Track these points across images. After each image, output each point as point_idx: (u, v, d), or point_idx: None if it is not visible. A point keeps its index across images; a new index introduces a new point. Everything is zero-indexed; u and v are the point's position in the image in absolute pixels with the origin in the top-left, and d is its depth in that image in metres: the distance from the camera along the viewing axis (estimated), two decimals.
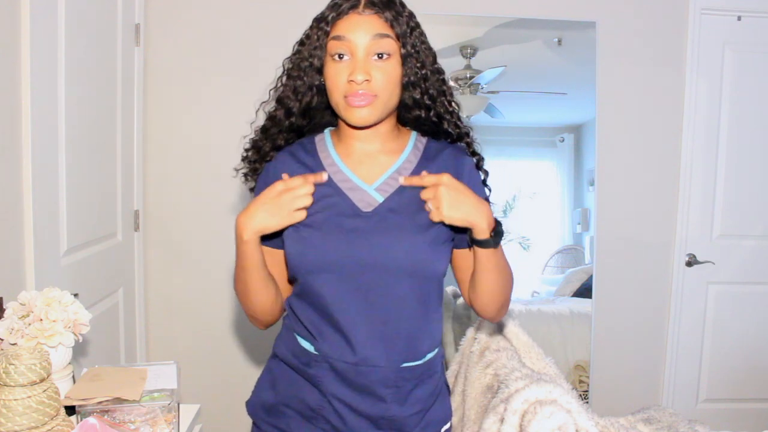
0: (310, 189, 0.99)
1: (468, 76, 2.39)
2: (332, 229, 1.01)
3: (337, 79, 1.00)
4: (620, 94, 2.46)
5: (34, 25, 1.43)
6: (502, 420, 1.02)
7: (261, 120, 1.14)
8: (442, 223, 1.00)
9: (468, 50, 2.38)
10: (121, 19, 1.98)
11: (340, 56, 0.99)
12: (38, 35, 1.45)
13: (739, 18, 2.46)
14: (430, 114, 1.08)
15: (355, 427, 1.04)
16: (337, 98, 1.01)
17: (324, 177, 1.02)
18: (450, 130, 1.11)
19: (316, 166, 1.07)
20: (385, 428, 1.05)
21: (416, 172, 1.07)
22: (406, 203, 1.04)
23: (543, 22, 2.41)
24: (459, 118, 1.12)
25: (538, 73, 2.51)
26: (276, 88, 1.11)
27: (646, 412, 1.48)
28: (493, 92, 2.43)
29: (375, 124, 1.05)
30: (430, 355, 1.08)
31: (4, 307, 1.23)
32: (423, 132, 1.14)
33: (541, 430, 0.94)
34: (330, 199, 1.04)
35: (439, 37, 2.36)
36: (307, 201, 0.99)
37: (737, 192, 2.53)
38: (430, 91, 1.06)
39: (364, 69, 0.98)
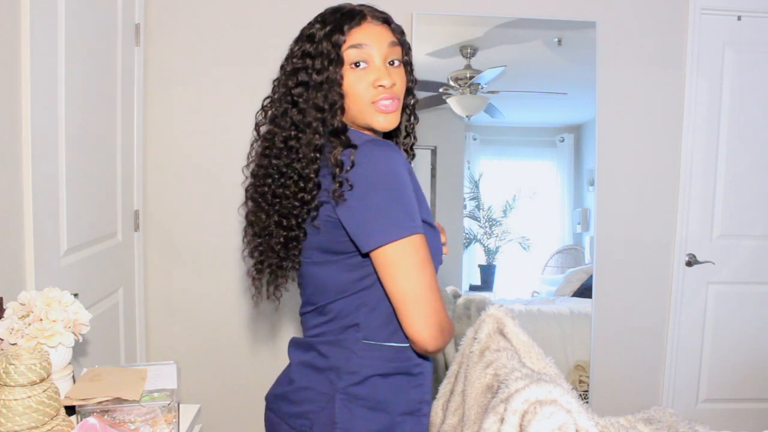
0: None
1: (468, 76, 2.39)
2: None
3: (360, 86, 1.01)
4: (620, 94, 2.46)
5: (34, 25, 1.42)
6: (502, 420, 1.02)
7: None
8: None
9: (468, 50, 2.38)
10: (121, 19, 1.98)
11: (358, 64, 1.01)
12: (38, 35, 1.45)
13: (739, 18, 2.46)
14: (410, 118, 1.16)
15: None
16: (362, 105, 1.02)
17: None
18: (413, 139, 1.20)
19: None
20: None
21: None
22: None
23: (543, 22, 2.41)
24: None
25: (538, 73, 2.51)
26: (295, 102, 1.02)
27: (646, 412, 1.48)
28: (493, 92, 2.43)
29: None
30: None
31: (4, 307, 1.23)
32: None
33: (541, 430, 0.94)
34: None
35: (439, 37, 2.37)
36: None
37: (737, 192, 2.53)
38: (414, 100, 1.15)
39: (389, 74, 1.02)
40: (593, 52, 2.40)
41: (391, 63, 1.04)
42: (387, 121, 1.04)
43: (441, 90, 2.39)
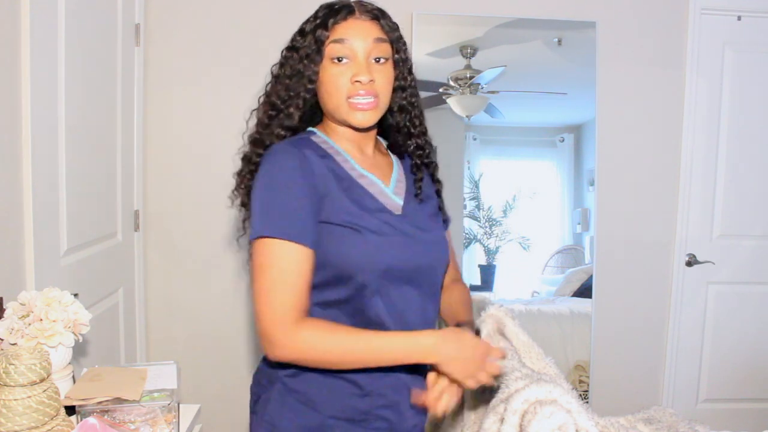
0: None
1: (468, 76, 2.39)
2: (386, 232, 1.01)
3: (339, 80, 1.01)
4: (620, 94, 2.46)
5: (34, 25, 1.42)
6: (502, 420, 1.02)
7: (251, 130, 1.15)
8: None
9: (468, 50, 2.38)
10: (121, 19, 1.98)
11: (340, 59, 1.01)
12: (38, 35, 1.45)
13: (739, 18, 2.46)
14: (410, 118, 1.13)
15: (409, 416, 1.06)
16: (338, 100, 1.02)
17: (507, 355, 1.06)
18: (418, 140, 1.15)
19: (341, 172, 1.04)
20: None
21: (406, 171, 1.17)
22: (419, 201, 1.13)
23: (543, 22, 2.41)
24: (425, 128, 1.17)
25: (538, 73, 2.51)
26: (267, 94, 1.10)
27: (646, 412, 1.48)
28: (493, 92, 2.43)
29: (373, 127, 1.09)
30: None
31: (4, 307, 1.23)
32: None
33: (541, 430, 0.94)
34: (368, 202, 1.04)
35: (439, 37, 2.37)
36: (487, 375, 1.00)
37: (737, 192, 2.53)
38: (412, 99, 1.12)
39: (369, 70, 1.01)
40: (593, 52, 2.40)
41: (377, 60, 1.02)
42: (364, 118, 1.02)
43: (441, 90, 2.39)
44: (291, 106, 1.05)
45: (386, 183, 1.09)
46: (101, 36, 1.86)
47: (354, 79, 1.00)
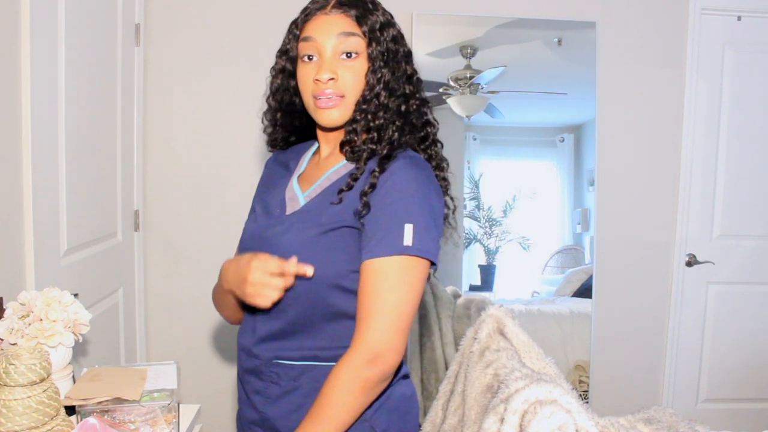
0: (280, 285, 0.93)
1: (468, 76, 2.39)
2: (256, 226, 1.08)
3: (306, 79, 1.00)
4: (620, 94, 2.46)
5: (34, 25, 1.42)
6: (502, 420, 1.02)
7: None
8: (354, 230, 0.96)
9: (468, 50, 2.38)
10: (121, 19, 1.98)
11: (309, 57, 1.00)
12: (38, 35, 1.45)
13: (739, 18, 2.46)
14: (366, 114, 0.99)
15: (248, 416, 1.07)
16: (307, 99, 1.02)
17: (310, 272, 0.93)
18: (374, 135, 1.00)
19: (292, 166, 1.13)
20: (260, 425, 1.05)
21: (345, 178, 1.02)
22: (317, 205, 1.01)
23: (543, 22, 2.41)
24: (422, 125, 1.05)
25: (538, 73, 2.51)
26: (266, 95, 1.14)
27: (646, 412, 1.48)
28: (493, 92, 2.43)
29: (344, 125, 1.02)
30: (315, 362, 0.99)
31: (4, 307, 1.23)
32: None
33: (541, 430, 0.94)
34: (272, 203, 1.09)
35: (439, 37, 2.37)
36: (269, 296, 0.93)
37: (737, 192, 2.53)
38: (383, 98, 0.99)
39: (330, 68, 0.97)
40: (593, 52, 2.40)
41: (348, 55, 0.98)
42: (329, 118, 0.99)
43: (441, 90, 2.39)
44: (282, 107, 1.10)
45: (304, 186, 1.06)
46: (101, 36, 1.86)
47: (314, 78, 0.97)
